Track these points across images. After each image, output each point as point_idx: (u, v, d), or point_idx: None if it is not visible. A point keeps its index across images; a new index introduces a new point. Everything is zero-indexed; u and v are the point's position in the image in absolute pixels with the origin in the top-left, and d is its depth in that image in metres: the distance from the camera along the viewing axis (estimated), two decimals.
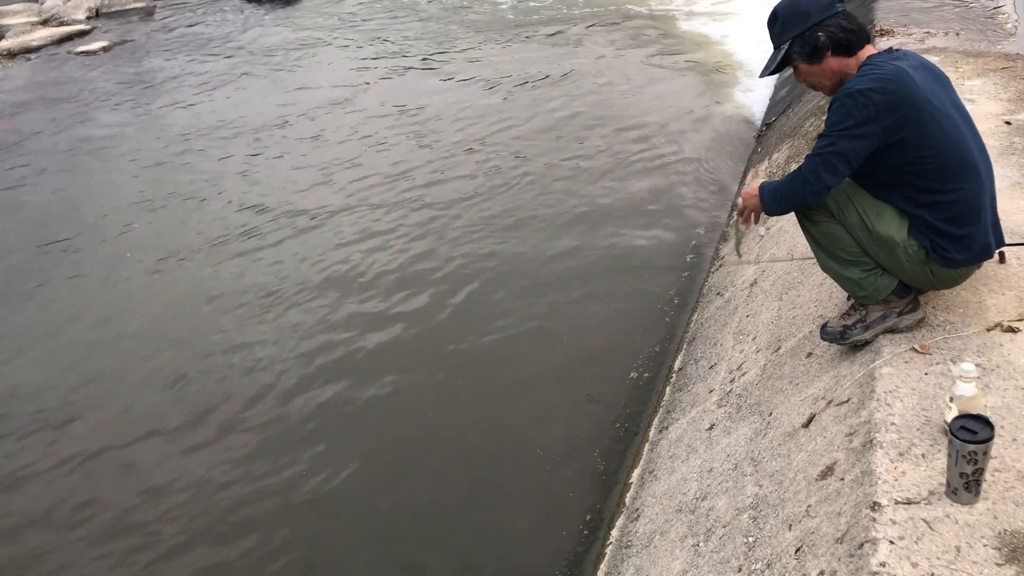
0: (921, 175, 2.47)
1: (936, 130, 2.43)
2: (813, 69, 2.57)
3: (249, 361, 4.61)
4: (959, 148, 2.48)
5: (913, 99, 2.39)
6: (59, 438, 4.13)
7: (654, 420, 3.78)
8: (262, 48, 10.97)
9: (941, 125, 2.44)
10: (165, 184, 7.01)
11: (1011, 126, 4.17)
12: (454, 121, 7.90)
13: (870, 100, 2.38)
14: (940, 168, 2.45)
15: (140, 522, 3.61)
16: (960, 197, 2.48)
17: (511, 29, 11.09)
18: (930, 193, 2.48)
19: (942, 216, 2.49)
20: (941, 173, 2.46)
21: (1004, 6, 6.78)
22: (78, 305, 5.29)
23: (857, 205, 2.56)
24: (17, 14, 12.56)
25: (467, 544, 3.39)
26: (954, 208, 2.48)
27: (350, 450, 3.92)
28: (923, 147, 2.43)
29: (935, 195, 2.48)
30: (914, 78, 2.42)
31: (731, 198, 6.04)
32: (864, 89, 2.39)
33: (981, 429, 1.93)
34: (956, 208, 2.48)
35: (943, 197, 2.48)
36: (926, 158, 2.44)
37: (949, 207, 2.48)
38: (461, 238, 5.73)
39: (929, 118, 2.42)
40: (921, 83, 2.43)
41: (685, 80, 8.70)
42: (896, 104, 2.38)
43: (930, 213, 2.49)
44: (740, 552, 2.37)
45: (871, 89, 2.38)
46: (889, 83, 2.39)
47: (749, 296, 4.00)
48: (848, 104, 2.41)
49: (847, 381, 2.64)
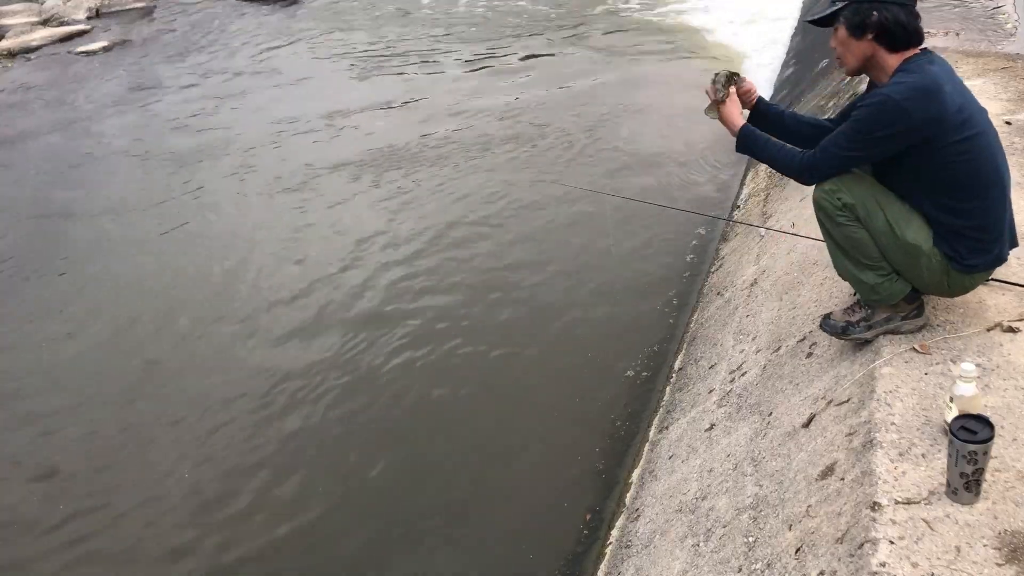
0: (954, 183, 2.45)
1: (969, 142, 2.41)
2: (849, 41, 2.50)
3: (233, 370, 4.62)
4: (989, 159, 2.47)
5: (946, 112, 2.36)
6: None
7: (654, 420, 3.78)
8: (261, 48, 10.97)
9: (974, 136, 2.42)
10: (164, 184, 7.01)
11: (1011, 126, 4.17)
12: (452, 116, 7.91)
13: (906, 112, 2.34)
14: (972, 177, 2.44)
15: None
16: (988, 205, 2.48)
17: (512, 29, 11.09)
18: (960, 200, 2.46)
19: (971, 223, 2.47)
20: (973, 182, 2.45)
21: (1004, 6, 6.77)
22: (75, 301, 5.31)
23: (886, 210, 2.52)
24: (17, 14, 12.56)
25: (467, 544, 3.39)
26: (983, 216, 2.48)
27: (349, 451, 3.92)
28: (955, 157, 2.41)
29: (965, 202, 2.46)
30: (948, 89, 2.38)
31: (731, 196, 6.04)
32: (901, 99, 2.35)
33: (981, 429, 1.92)
34: (985, 216, 2.48)
35: (973, 204, 2.46)
36: (957, 166, 2.42)
37: (978, 215, 2.47)
38: (457, 236, 5.74)
39: (961, 129, 2.39)
40: (953, 93, 2.40)
41: (688, 76, 8.69)
42: (929, 120, 2.35)
43: (960, 219, 2.47)
44: (740, 552, 2.37)
45: (908, 98, 2.34)
46: (927, 95, 2.35)
47: (749, 296, 3.99)
48: (883, 110, 2.37)
49: (847, 381, 2.64)
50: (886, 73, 2.48)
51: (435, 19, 11.92)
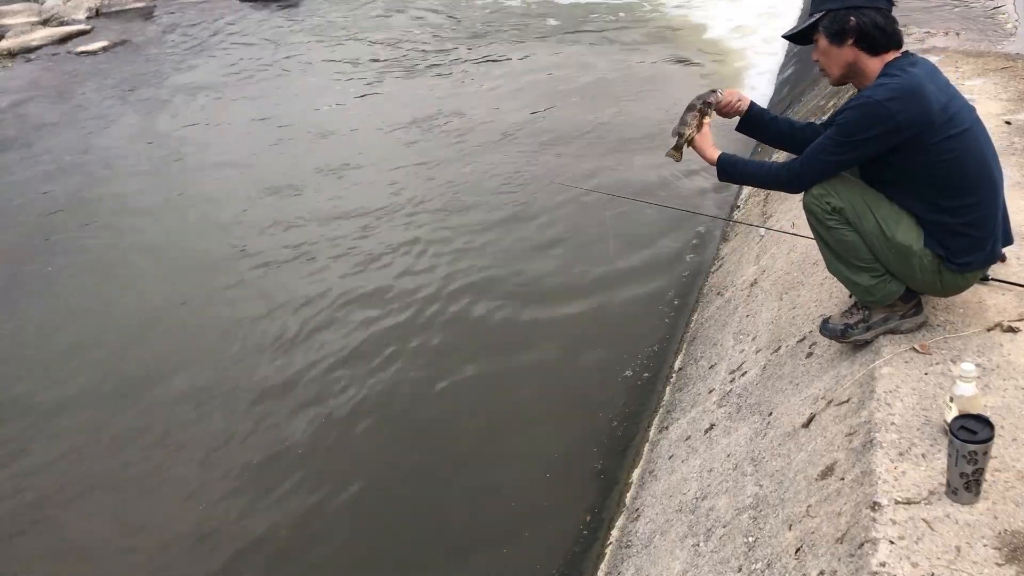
0: (943, 181, 2.45)
1: (955, 139, 2.41)
2: (831, 49, 2.52)
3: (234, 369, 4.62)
4: (977, 155, 2.47)
5: (930, 111, 2.36)
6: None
7: (654, 420, 3.78)
8: (260, 48, 10.97)
9: (961, 134, 2.42)
10: (163, 184, 7.01)
11: (1011, 126, 4.17)
12: (450, 115, 7.91)
13: (889, 114, 2.35)
14: (961, 175, 2.44)
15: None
16: (978, 201, 2.47)
17: (513, 31, 11.09)
18: (950, 199, 2.46)
19: (962, 221, 2.47)
20: (962, 180, 2.45)
21: (1004, 6, 6.78)
22: (78, 295, 5.31)
23: (875, 212, 2.53)
24: (17, 14, 12.56)
25: (467, 544, 3.39)
26: (973, 213, 2.48)
27: (349, 454, 3.92)
28: (943, 155, 2.41)
29: (955, 200, 2.46)
30: (930, 89, 2.39)
31: (731, 196, 6.04)
32: (884, 100, 2.36)
33: (981, 429, 1.92)
34: (975, 212, 2.48)
35: (963, 201, 2.46)
36: (946, 164, 2.42)
37: (969, 211, 2.47)
38: (454, 237, 5.74)
39: (947, 128, 2.39)
40: (937, 92, 2.40)
41: (689, 78, 8.69)
42: (913, 121, 2.36)
43: (951, 217, 2.48)
44: (740, 552, 2.37)
45: (891, 99, 2.35)
46: (909, 96, 2.35)
47: (749, 296, 3.99)
48: (867, 113, 2.38)
49: (847, 381, 2.64)
50: (869, 78, 2.49)
51: (435, 17, 11.93)
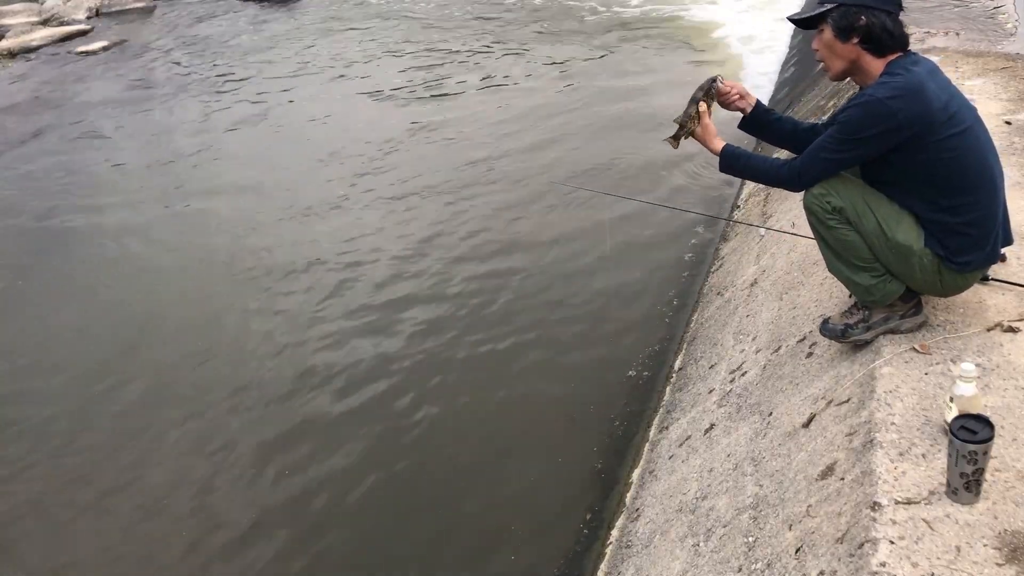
0: (943, 180, 2.45)
1: (956, 138, 2.41)
2: (835, 43, 2.50)
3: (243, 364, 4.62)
4: (978, 154, 2.47)
5: (931, 110, 2.37)
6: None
7: (654, 420, 3.78)
8: (260, 48, 10.97)
9: (961, 133, 2.42)
10: (162, 184, 7.01)
11: (1011, 126, 4.17)
12: (444, 115, 7.91)
13: (891, 112, 2.35)
14: (961, 174, 2.44)
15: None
16: (978, 201, 2.48)
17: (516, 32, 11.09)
18: (950, 197, 2.46)
19: (962, 220, 2.47)
20: (962, 179, 2.45)
21: (1004, 6, 6.78)
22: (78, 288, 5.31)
23: (876, 212, 2.53)
24: (17, 14, 12.57)
25: (468, 544, 3.39)
26: (973, 212, 2.48)
27: (351, 453, 3.92)
28: (943, 154, 2.41)
29: (955, 199, 2.46)
30: (931, 88, 2.39)
31: (731, 196, 6.04)
32: (886, 99, 2.36)
33: (981, 429, 1.92)
34: (975, 212, 2.48)
35: (963, 200, 2.46)
36: (946, 163, 2.42)
37: (969, 210, 2.47)
38: (454, 238, 5.74)
39: (947, 126, 2.39)
40: (938, 91, 2.40)
41: (689, 76, 8.69)
42: (914, 119, 2.36)
43: (951, 216, 2.48)
44: (740, 552, 2.37)
45: (892, 97, 2.35)
46: (911, 94, 2.36)
47: (749, 296, 3.99)
48: (869, 111, 2.38)
49: (847, 381, 2.64)
50: (871, 77, 2.49)
51: (432, 17, 11.93)
